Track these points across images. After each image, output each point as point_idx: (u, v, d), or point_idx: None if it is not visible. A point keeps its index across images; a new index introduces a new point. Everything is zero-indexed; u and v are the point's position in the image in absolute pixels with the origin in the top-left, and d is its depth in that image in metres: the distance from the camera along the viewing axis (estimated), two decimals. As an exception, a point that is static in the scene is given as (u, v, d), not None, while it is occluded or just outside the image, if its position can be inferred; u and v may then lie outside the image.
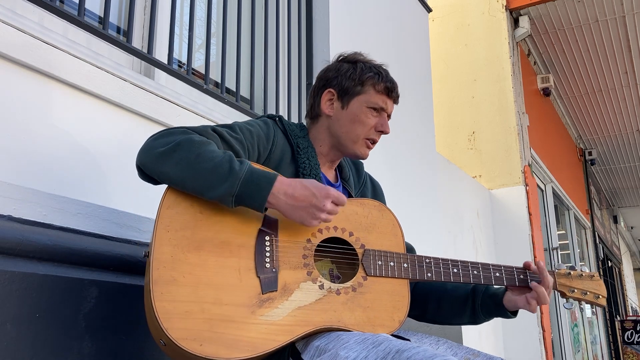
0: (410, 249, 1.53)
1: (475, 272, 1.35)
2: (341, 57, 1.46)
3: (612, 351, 8.79)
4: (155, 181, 1.17)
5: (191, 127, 1.20)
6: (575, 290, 1.43)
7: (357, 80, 1.38)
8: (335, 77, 1.41)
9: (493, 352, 4.42)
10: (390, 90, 1.40)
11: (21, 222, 1.24)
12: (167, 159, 1.11)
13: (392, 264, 1.27)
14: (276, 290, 1.13)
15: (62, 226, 1.33)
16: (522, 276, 1.39)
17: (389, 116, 1.43)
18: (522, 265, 1.40)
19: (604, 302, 1.46)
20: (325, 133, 1.42)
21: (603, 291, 1.46)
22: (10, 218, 1.23)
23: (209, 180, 1.09)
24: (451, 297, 1.45)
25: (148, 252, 1.11)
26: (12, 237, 1.19)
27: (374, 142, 1.41)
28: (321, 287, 1.18)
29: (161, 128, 1.74)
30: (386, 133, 1.40)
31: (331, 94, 1.41)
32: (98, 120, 1.56)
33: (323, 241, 1.25)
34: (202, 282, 1.08)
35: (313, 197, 1.13)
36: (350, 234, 1.27)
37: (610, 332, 8.85)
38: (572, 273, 1.45)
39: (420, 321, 1.52)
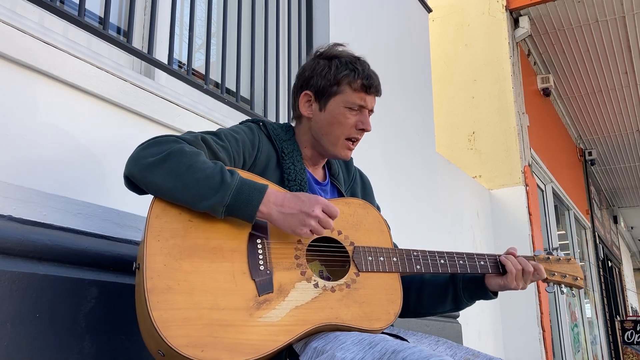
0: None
1: (461, 262, 1.38)
2: (318, 53, 1.42)
3: (612, 351, 8.79)
4: (141, 191, 1.17)
5: (180, 135, 1.20)
6: (556, 274, 1.47)
7: (333, 80, 1.35)
8: (312, 77, 1.38)
9: (493, 352, 4.42)
10: (368, 87, 1.35)
11: (21, 222, 1.24)
12: (157, 169, 1.10)
13: (382, 259, 1.29)
14: (272, 292, 1.13)
15: (62, 226, 1.33)
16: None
17: (371, 111, 1.40)
18: (506, 252, 1.43)
19: (581, 283, 1.51)
20: (307, 134, 1.42)
21: (580, 273, 1.50)
22: (10, 218, 1.23)
23: (200, 191, 1.09)
24: (431, 286, 1.45)
25: (138, 264, 1.10)
26: (12, 237, 1.19)
27: (355, 140, 1.39)
28: (316, 285, 1.19)
29: (161, 128, 1.75)
30: (367, 131, 1.38)
31: (308, 96, 1.39)
32: (98, 120, 1.56)
33: (312, 242, 1.25)
34: (198, 288, 1.08)
35: (302, 204, 1.14)
36: (339, 233, 1.29)
37: (610, 332, 8.85)
38: (550, 258, 1.50)
39: (402, 317, 1.49)
